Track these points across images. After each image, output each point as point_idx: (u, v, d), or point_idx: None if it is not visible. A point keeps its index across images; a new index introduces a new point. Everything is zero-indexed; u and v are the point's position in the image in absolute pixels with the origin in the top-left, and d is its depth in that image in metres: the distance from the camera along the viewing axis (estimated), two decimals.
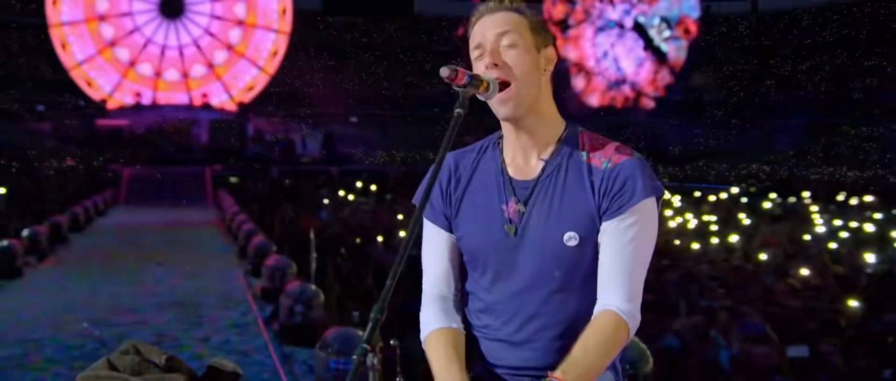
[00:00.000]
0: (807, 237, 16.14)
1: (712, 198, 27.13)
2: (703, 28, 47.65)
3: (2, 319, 10.26)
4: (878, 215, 20.23)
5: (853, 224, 17.68)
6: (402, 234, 16.83)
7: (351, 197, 28.11)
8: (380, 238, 16.72)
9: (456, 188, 2.77)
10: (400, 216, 21.00)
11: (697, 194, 28.38)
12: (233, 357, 8.43)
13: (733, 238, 15.94)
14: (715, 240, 15.84)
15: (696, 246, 14.42)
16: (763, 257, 13.40)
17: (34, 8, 42.60)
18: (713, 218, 20.20)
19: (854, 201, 26.51)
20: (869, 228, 16.84)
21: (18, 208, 23.11)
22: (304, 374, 7.83)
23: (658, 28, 46.46)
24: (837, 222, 18.69)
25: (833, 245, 14.47)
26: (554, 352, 2.59)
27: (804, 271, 11.66)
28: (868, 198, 26.75)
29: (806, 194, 28.58)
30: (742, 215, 20.89)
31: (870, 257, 12.52)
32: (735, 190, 29.24)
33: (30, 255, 14.83)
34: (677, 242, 16.47)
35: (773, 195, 28.29)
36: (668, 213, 22.39)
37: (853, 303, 8.99)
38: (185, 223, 21.86)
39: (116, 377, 2.42)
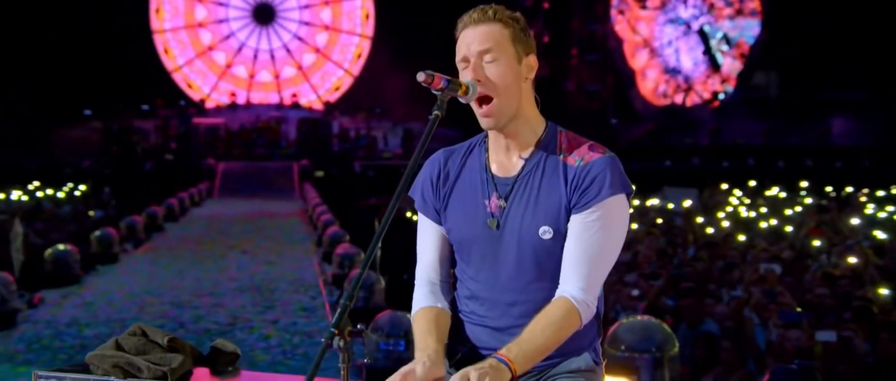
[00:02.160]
0: (852, 228, 15.76)
1: (771, 192, 26.56)
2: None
3: (96, 300, 10.65)
4: None
5: None
6: None
7: None
8: None
9: (445, 184, 2.82)
10: None
11: (751, 184, 27.81)
12: (296, 338, 8.63)
13: (778, 228, 15.64)
14: (761, 232, 15.54)
15: (742, 238, 14.16)
16: (807, 246, 13.13)
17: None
18: (763, 210, 19.79)
19: None
20: None
21: (122, 200, 23.74)
22: (360, 355, 7.93)
23: (718, 41, 46.07)
24: (886, 214, 18.19)
25: (878, 236, 14.06)
26: None
27: (845, 261, 11.40)
28: None
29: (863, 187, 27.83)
30: (791, 206, 20.45)
31: None
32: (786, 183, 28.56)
33: (126, 242, 15.26)
34: (724, 224, 16.28)
35: (828, 189, 27.60)
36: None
37: (884, 291, 8.79)
38: (272, 214, 22.19)
39: (120, 356, 2.53)
